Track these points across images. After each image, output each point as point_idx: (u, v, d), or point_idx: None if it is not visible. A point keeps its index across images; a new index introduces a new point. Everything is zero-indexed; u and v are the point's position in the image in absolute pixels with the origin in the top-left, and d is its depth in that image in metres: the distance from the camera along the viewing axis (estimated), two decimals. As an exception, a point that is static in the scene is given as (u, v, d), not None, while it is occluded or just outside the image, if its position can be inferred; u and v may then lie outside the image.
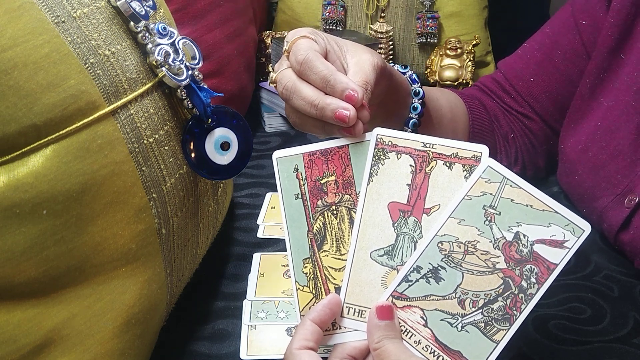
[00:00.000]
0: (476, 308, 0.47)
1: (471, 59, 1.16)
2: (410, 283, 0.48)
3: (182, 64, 0.56)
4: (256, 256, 0.74)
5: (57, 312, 0.47)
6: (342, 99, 0.48)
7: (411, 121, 0.64)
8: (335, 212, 0.51)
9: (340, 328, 0.50)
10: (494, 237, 0.47)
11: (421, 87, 0.65)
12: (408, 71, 0.65)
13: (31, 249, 0.45)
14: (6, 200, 0.43)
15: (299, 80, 0.50)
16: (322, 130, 0.52)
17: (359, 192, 0.51)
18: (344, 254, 0.51)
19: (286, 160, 0.52)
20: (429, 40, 1.22)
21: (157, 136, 0.53)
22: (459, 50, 1.16)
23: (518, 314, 0.46)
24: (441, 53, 1.18)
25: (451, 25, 1.23)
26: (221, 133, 0.59)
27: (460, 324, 0.47)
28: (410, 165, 0.50)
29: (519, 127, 0.82)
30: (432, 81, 1.17)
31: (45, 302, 0.47)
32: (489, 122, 0.79)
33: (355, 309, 0.50)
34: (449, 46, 1.17)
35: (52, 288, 0.47)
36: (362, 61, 0.52)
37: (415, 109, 0.64)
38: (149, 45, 0.54)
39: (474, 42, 1.18)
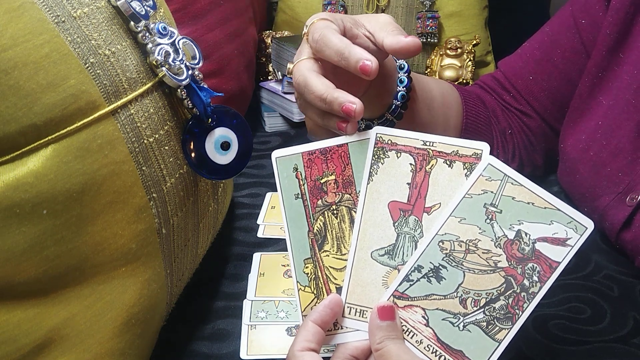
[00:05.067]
0: (478, 307, 0.47)
1: (471, 58, 1.16)
2: (412, 283, 0.48)
3: (182, 63, 0.56)
4: (256, 256, 0.74)
5: (57, 312, 0.47)
6: (357, 70, 0.50)
7: (399, 94, 0.63)
8: (335, 211, 0.51)
9: (341, 328, 0.50)
10: (495, 235, 0.47)
11: (406, 63, 0.65)
12: None
13: (31, 249, 0.44)
14: (6, 200, 0.43)
15: (310, 72, 0.52)
16: (322, 120, 0.53)
17: (359, 191, 0.50)
18: (344, 254, 0.50)
19: (285, 160, 0.52)
20: (429, 40, 1.21)
21: (157, 136, 0.53)
22: (459, 50, 1.16)
23: (520, 313, 0.46)
24: (441, 53, 1.18)
25: (451, 25, 1.23)
26: (221, 133, 0.59)
27: (462, 324, 0.47)
28: (410, 164, 0.50)
29: (517, 124, 0.82)
30: (432, 81, 1.17)
31: (45, 302, 0.47)
32: (486, 116, 0.79)
33: (356, 309, 0.49)
34: (449, 46, 1.17)
35: (52, 288, 0.47)
36: (381, 19, 0.55)
37: (402, 81, 0.63)
38: (149, 45, 0.53)
39: (474, 42, 1.18)
